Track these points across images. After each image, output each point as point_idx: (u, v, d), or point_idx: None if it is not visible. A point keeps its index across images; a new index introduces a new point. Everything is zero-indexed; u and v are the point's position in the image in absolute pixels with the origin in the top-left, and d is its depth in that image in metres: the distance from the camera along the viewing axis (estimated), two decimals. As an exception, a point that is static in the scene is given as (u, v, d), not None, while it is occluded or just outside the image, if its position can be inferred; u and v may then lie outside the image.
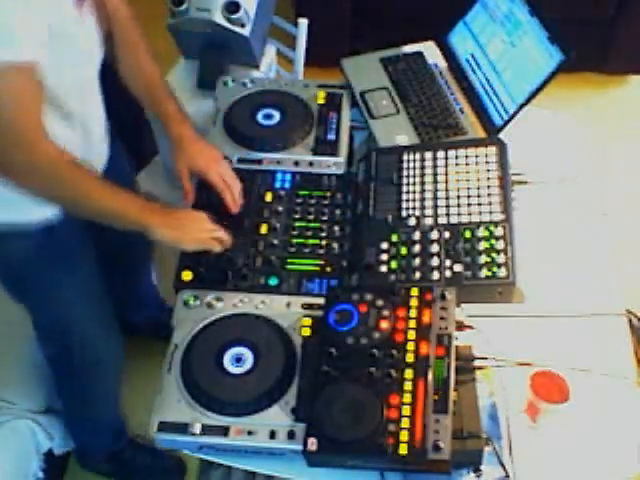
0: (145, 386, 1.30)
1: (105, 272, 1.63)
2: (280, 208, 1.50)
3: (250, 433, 1.19)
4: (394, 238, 1.41)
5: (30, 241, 1.40)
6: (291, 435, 1.18)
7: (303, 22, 2.15)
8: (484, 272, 1.33)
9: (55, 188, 1.27)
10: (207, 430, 1.19)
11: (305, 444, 1.14)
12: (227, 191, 1.46)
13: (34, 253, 1.43)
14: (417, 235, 1.40)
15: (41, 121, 1.20)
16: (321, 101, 1.68)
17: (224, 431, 1.19)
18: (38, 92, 1.19)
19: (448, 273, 1.34)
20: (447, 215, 1.42)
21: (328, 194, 1.53)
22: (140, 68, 1.50)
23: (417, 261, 1.37)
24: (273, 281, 1.40)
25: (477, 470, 1.21)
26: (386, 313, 1.25)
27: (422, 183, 1.49)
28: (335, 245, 1.45)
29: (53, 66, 1.20)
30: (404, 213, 1.45)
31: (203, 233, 1.38)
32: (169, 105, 1.49)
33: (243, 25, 1.86)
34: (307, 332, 1.30)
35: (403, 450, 1.10)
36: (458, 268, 1.34)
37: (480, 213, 1.41)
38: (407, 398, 1.15)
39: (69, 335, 1.62)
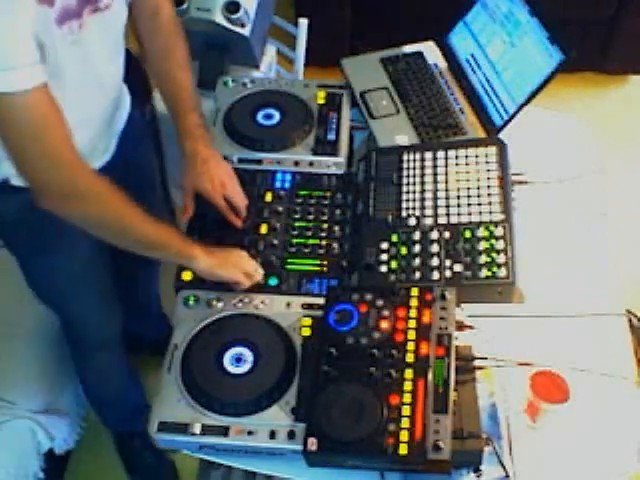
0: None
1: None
2: (280, 208, 1.50)
3: (250, 433, 1.19)
4: (394, 238, 1.41)
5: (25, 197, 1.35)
6: (291, 435, 1.18)
7: (303, 22, 2.15)
8: (484, 272, 1.33)
9: (99, 213, 1.24)
10: (207, 430, 1.19)
11: (305, 444, 1.14)
12: (229, 212, 1.46)
13: (28, 210, 1.35)
14: (417, 235, 1.40)
15: (73, 142, 1.18)
16: (321, 101, 1.68)
17: (224, 431, 1.19)
18: (59, 112, 1.16)
19: (448, 273, 1.34)
20: (447, 215, 1.42)
21: (328, 194, 1.53)
22: (172, 76, 1.47)
23: (417, 261, 1.37)
24: (273, 281, 1.39)
25: (477, 470, 1.21)
26: (386, 313, 1.25)
27: (422, 183, 1.49)
28: (335, 245, 1.45)
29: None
30: (404, 213, 1.45)
31: (243, 264, 1.37)
32: (191, 118, 1.46)
33: (243, 25, 1.86)
34: (307, 332, 1.30)
35: (403, 450, 1.10)
36: (458, 268, 1.34)
37: (480, 213, 1.41)
38: (407, 398, 1.15)
39: (64, 305, 1.66)
